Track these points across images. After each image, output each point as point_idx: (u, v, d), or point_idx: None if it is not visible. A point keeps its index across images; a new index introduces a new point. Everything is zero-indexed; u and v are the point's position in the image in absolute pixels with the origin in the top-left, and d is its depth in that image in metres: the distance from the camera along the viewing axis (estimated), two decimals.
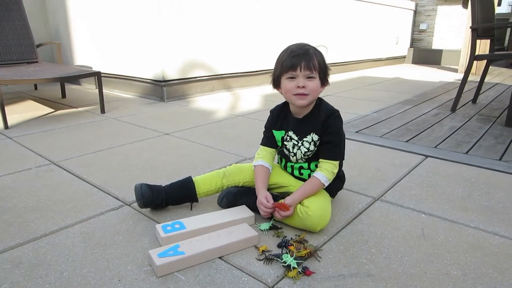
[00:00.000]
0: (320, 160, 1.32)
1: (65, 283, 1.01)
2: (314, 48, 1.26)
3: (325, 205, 1.27)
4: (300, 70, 1.22)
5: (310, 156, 1.34)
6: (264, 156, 1.41)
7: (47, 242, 1.20)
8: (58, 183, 1.67)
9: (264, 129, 1.44)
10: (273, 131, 1.41)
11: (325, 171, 1.28)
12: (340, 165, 1.43)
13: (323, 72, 1.26)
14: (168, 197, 1.37)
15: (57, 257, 1.12)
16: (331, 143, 1.30)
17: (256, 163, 1.39)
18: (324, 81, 1.28)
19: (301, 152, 1.34)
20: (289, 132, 1.36)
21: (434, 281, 1.02)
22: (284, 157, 1.45)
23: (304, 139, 1.33)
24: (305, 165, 1.38)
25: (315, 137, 1.31)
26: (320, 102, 1.34)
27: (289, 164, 1.43)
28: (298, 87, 1.23)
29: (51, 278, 1.03)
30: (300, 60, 1.21)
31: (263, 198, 1.27)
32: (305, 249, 1.12)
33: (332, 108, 1.32)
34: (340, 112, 1.32)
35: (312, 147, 1.32)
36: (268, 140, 1.43)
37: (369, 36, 6.43)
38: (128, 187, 1.58)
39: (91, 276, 1.03)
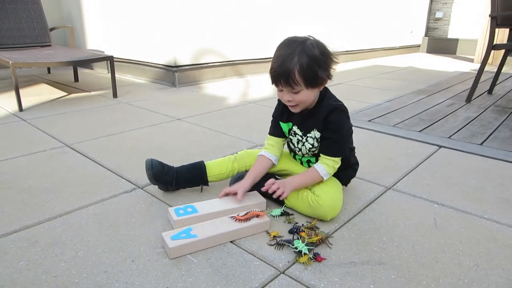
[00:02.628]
0: (321, 155, 1.29)
1: (80, 262, 1.03)
2: (302, 51, 1.13)
3: (336, 195, 1.27)
4: (282, 86, 1.18)
5: (315, 152, 1.33)
6: (269, 146, 1.39)
7: (62, 222, 1.22)
8: (72, 165, 1.69)
9: (272, 118, 1.43)
10: (280, 123, 1.39)
11: (326, 165, 1.26)
12: (352, 154, 1.42)
13: (312, 79, 1.15)
14: (179, 177, 1.38)
15: (72, 237, 1.14)
16: (330, 140, 1.26)
17: (260, 153, 1.38)
18: (318, 84, 1.19)
19: (306, 148, 1.33)
20: (294, 127, 1.34)
21: (445, 271, 1.02)
22: (291, 151, 1.44)
23: (308, 135, 1.30)
24: (313, 159, 1.37)
25: (317, 134, 1.28)
26: (324, 95, 1.28)
27: (297, 157, 1.43)
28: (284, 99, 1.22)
29: (67, 257, 1.05)
30: (279, 78, 1.15)
31: (236, 187, 1.27)
32: (316, 236, 1.12)
33: (334, 103, 1.26)
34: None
35: (316, 144, 1.30)
36: (275, 129, 1.41)
37: (382, 24, 6.32)
38: (141, 171, 1.59)
39: (105, 256, 1.05)
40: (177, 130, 2.23)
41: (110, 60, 2.98)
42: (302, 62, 1.12)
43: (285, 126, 1.38)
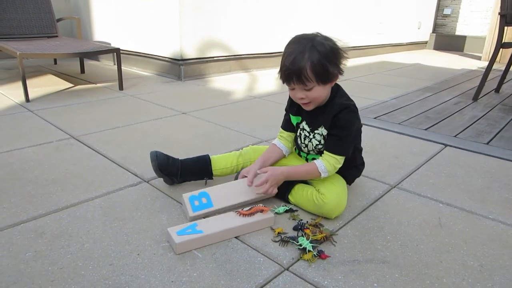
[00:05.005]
0: (324, 151, 1.28)
1: (86, 254, 1.04)
2: (312, 48, 1.13)
3: (341, 193, 1.27)
4: (294, 84, 1.18)
5: (321, 149, 1.32)
6: (282, 138, 1.43)
7: (69, 214, 1.23)
8: (78, 157, 1.70)
9: (285, 112, 1.44)
10: (290, 115, 1.40)
11: (326, 161, 1.24)
12: (360, 154, 1.41)
13: (323, 75, 1.16)
14: (184, 169, 1.38)
15: (78, 229, 1.15)
16: (336, 137, 1.25)
17: (273, 142, 1.43)
18: (330, 80, 1.19)
19: (312, 145, 1.33)
20: (303, 123, 1.34)
21: (450, 271, 1.02)
22: (297, 147, 1.44)
23: (316, 131, 1.30)
24: (318, 157, 1.37)
25: (324, 132, 1.28)
26: (336, 93, 1.27)
27: (302, 154, 1.43)
28: (297, 97, 1.22)
29: (73, 249, 1.06)
30: (291, 76, 1.15)
31: (248, 172, 1.31)
32: (320, 233, 1.13)
33: (345, 102, 1.24)
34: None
35: (322, 141, 1.30)
36: (286, 124, 1.43)
37: (390, 20, 6.26)
38: (146, 164, 1.60)
39: (111, 249, 1.06)
40: (182, 124, 2.24)
41: (116, 52, 2.98)
42: (313, 58, 1.12)
43: (294, 119, 1.39)
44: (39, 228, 1.16)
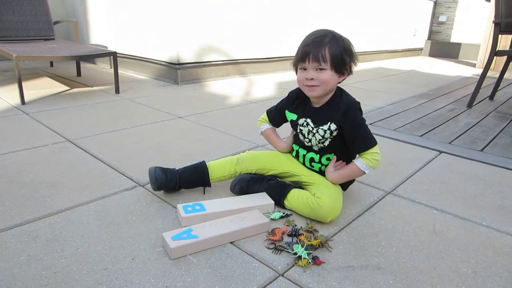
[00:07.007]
0: (357, 155, 1.29)
1: (80, 258, 1.04)
2: (333, 37, 1.21)
3: (337, 197, 1.27)
4: (309, 62, 1.21)
5: (325, 144, 1.33)
6: (264, 121, 1.53)
7: (63, 218, 1.23)
8: (73, 160, 1.69)
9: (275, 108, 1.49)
10: (286, 111, 1.42)
11: (364, 159, 1.26)
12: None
13: (339, 62, 1.21)
14: (181, 181, 1.39)
15: (72, 233, 1.15)
16: (358, 137, 1.26)
17: (263, 127, 1.53)
18: (342, 71, 1.25)
19: (316, 139, 1.33)
20: (307, 119, 1.35)
21: (443, 278, 1.02)
22: (298, 143, 1.44)
23: (320, 127, 1.31)
24: (317, 157, 1.37)
25: (333, 126, 1.28)
26: (340, 92, 1.32)
27: (300, 153, 1.43)
28: (307, 78, 1.23)
29: (67, 253, 1.06)
30: (309, 52, 1.20)
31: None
32: (315, 239, 1.13)
33: (353, 100, 1.30)
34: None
35: (327, 135, 1.30)
36: (274, 119, 1.51)
37: (386, 26, 6.32)
38: (142, 168, 1.60)
39: (106, 254, 1.06)
40: (179, 128, 2.24)
41: (113, 55, 2.98)
42: (332, 44, 1.20)
43: (289, 116, 1.41)
44: (33, 232, 1.15)
